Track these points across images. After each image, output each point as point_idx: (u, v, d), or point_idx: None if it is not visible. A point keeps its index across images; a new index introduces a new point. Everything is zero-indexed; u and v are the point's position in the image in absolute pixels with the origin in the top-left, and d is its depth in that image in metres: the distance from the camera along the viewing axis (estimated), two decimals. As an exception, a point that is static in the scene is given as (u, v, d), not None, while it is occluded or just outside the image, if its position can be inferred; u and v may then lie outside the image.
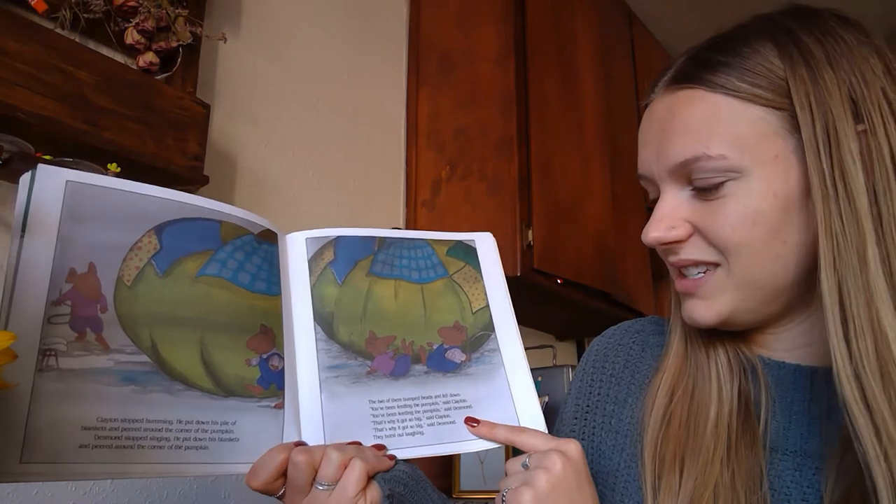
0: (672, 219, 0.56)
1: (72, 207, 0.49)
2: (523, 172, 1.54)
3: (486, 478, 1.45)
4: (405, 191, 1.69)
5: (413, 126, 1.72)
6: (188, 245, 0.54)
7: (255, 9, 1.39)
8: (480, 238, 0.70)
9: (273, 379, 0.55)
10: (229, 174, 1.27)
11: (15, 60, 0.89)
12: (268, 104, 1.38)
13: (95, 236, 0.49)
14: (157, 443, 0.48)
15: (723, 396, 0.59)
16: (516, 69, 1.60)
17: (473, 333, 0.65)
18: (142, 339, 0.49)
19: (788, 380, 0.58)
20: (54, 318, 0.46)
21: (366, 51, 1.65)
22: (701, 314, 0.57)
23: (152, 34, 1.07)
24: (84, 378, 0.46)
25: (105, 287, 0.49)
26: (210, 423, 0.51)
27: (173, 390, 0.49)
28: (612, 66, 2.03)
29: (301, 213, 1.40)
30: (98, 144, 0.97)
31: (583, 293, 1.67)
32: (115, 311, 0.49)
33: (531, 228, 1.51)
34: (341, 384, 0.58)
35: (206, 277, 0.54)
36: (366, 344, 0.61)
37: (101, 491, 0.98)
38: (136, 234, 0.51)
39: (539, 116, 1.63)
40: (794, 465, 0.55)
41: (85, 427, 0.45)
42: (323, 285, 0.61)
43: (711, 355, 0.61)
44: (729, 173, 0.53)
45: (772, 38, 0.54)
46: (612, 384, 0.68)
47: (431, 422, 0.60)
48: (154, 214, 0.53)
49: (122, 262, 0.50)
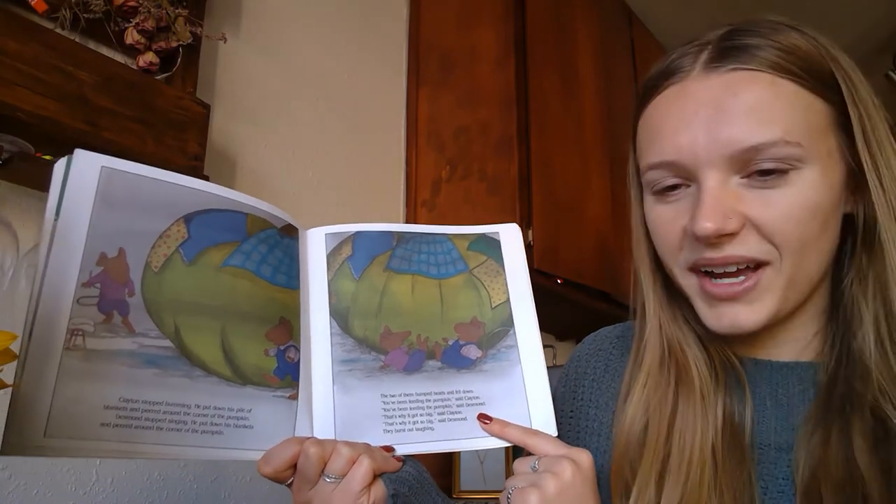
0: (726, 208, 0.51)
1: (105, 193, 0.50)
2: (523, 172, 1.54)
3: (486, 478, 1.45)
4: (405, 191, 1.69)
5: (413, 126, 1.72)
6: (215, 235, 0.55)
7: (255, 9, 1.39)
8: (505, 230, 0.68)
9: (289, 370, 0.57)
10: (229, 174, 1.27)
11: (15, 60, 0.89)
12: (268, 104, 1.38)
13: (127, 222, 0.51)
14: (175, 425, 0.49)
15: (707, 418, 0.56)
16: (516, 69, 1.60)
17: (491, 329, 0.64)
18: (166, 325, 0.51)
19: (770, 377, 0.59)
20: (83, 300, 0.48)
21: (366, 51, 1.65)
22: (748, 320, 0.53)
23: (152, 34, 1.07)
24: (109, 359, 0.48)
25: (133, 272, 0.50)
26: (227, 409, 0.52)
27: (193, 375, 0.51)
28: (612, 66, 2.03)
29: (301, 213, 1.40)
30: (98, 144, 0.96)
31: (583, 293, 1.67)
32: (142, 295, 0.50)
33: (531, 228, 1.51)
34: (354, 378, 0.59)
35: (230, 268, 0.55)
36: (380, 339, 0.61)
37: (102, 490, 0.98)
38: (166, 223, 0.53)
39: (539, 116, 1.63)
40: (769, 460, 0.56)
41: (107, 406, 0.47)
42: (340, 280, 0.62)
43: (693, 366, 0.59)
44: (795, 163, 0.50)
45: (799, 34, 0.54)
46: (594, 389, 0.69)
47: (442, 418, 0.60)
48: (184, 204, 0.54)
49: (150, 249, 0.51)
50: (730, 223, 0.51)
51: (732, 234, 0.52)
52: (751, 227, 0.52)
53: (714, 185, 0.52)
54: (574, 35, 1.86)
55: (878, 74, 2.61)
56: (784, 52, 0.52)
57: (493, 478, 1.45)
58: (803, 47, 0.53)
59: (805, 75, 0.52)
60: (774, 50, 0.52)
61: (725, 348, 0.60)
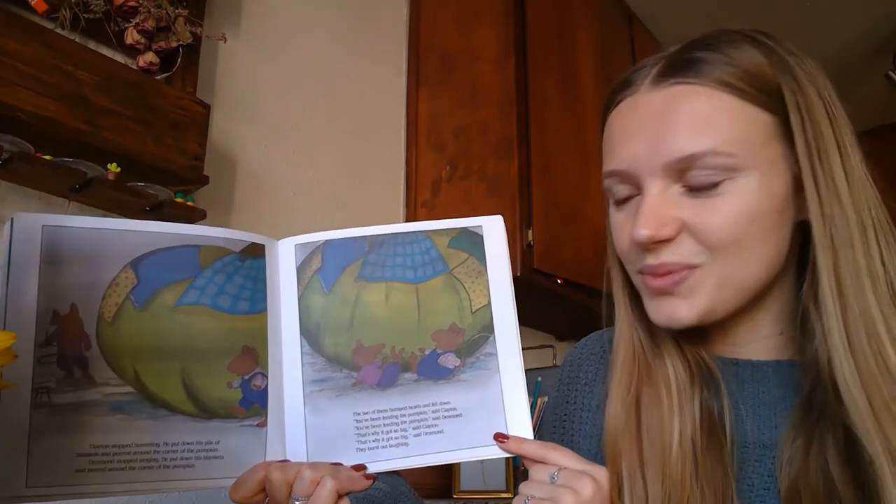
0: (662, 216, 0.54)
1: (49, 252, 0.51)
2: (523, 172, 1.54)
3: (486, 478, 1.45)
4: (405, 191, 1.69)
5: (413, 126, 1.72)
6: (166, 275, 0.55)
7: (255, 9, 1.39)
8: (489, 223, 0.65)
9: (255, 398, 0.57)
10: (229, 174, 1.27)
11: (15, 60, 0.90)
12: (268, 104, 1.38)
13: (75, 277, 0.52)
14: (146, 464, 0.52)
15: (685, 412, 0.57)
16: (516, 69, 1.60)
17: (471, 336, 0.61)
18: (125, 372, 0.53)
19: (744, 376, 0.60)
20: (43, 359, 0.50)
21: (366, 51, 1.65)
22: (683, 314, 0.56)
23: (152, 34, 1.07)
24: (75, 411, 0.51)
25: (87, 325, 0.52)
26: (195, 443, 0.54)
27: (158, 416, 0.53)
28: (612, 66, 2.03)
29: (301, 212, 1.40)
30: (98, 144, 0.97)
31: (583, 293, 1.66)
32: (99, 346, 0.52)
33: (531, 228, 1.51)
34: (325, 397, 0.58)
35: (184, 306, 0.56)
36: (352, 354, 0.59)
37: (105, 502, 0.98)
38: (114, 271, 0.54)
39: (539, 116, 1.63)
40: (754, 458, 0.56)
41: (80, 454, 0.50)
42: (310, 295, 0.60)
43: (667, 363, 0.60)
44: (730, 172, 0.53)
45: (755, 44, 0.56)
46: (586, 392, 0.69)
47: (417, 432, 0.59)
48: (129, 249, 0.54)
49: (101, 300, 0.53)
50: (664, 230, 0.54)
51: (668, 239, 0.55)
52: (687, 233, 0.55)
53: (654, 193, 0.55)
54: (574, 35, 1.86)
55: (878, 74, 2.62)
56: (729, 66, 0.54)
57: (493, 478, 1.45)
58: (753, 61, 0.55)
59: (748, 88, 0.54)
60: (721, 65, 0.54)
61: (699, 348, 0.61)
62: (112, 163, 0.98)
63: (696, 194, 0.54)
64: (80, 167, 0.95)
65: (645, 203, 0.55)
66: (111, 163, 0.98)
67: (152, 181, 1.03)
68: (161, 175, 1.04)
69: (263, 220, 1.32)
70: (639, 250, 0.57)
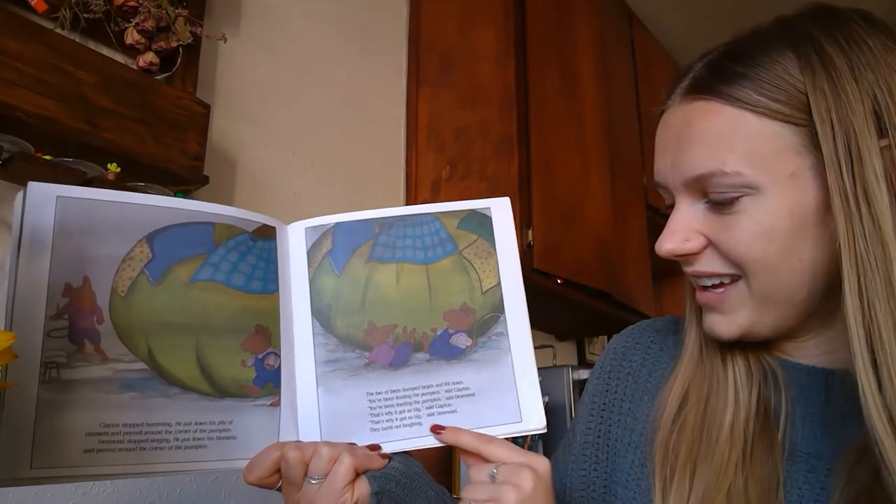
0: (686, 231, 0.55)
1: (63, 223, 0.50)
2: (523, 172, 1.54)
3: (486, 478, 1.45)
4: (405, 191, 1.69)
5: (413, 126, 1.72)
6: (180, 251, 0.54)
7: (255, 9, 1.39)
8: (497, 205, 0.65)
9: (269, 378, 0.56)
10: (229, 174, 1.27)
11: (15, 60, 0.89)
12: (268, 104, 1.38)
13: (88, 250, 0.51)
14: (157, 444, 0.50)
15: (739, 401, 0.58)
16: (516, 69, 1.60)
17: (482, 316, 0.62)
18: (138, 348, 0.51)
19: (804, 381, 0.58)
20: (53, 332, 0.48)
21: (366, 50, 1.65)
22: (722, 329, 0.57)
23: (152, 34, 1.07)
24: (85, 387, 0.48)
25: (100, 299, 0.50)
26: (208, 423, 0.53)
27: (171, 394, 0.51)
28: (612, 66, 2.03)
29: (301, 212, 1.40)
30: (98, 144, 0.97)
31: (583, 293, 1.67)
32: (111, 321, 0.51)
33: (531, 228, 1.51)
34: (338, 378, 0.58)
35: (199, 282, 0.55)
36: (364, 335, 0.60)
37: (102, 491, 0.98)
38: (128, 245, 0.52)
39: (539, 116, 1.63)
40: (807, 467, 0.54)
41: (89, 433, 0.48)
42: (321, 277, 0.60)
43: (728, 360, 0.60)
44: (744, 189, 0.52)
45: (792, 47, 0.52)
46: (630, 382, 0.68)
47: (431, 412, 0.59)
48: (145, 223, 0.53)
49: (115, 274, 0.51)
50: (687, 245, 0.55)
51: (694, 253, 0.56)
52: (712, 248, 0.55)
53: (682, 208, 0.56)
54: (574, 35, 1.86)
55: (878, 74, 2.61)
56: (752, 83, 0.52)
57: (493, 478, 1.44)
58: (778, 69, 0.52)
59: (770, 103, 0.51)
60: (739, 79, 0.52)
61: (763, 350, 0.61)
62: (112, 163, 0.98)
63: (717, 211, 0.54)
64: (80, 167, 0.95)
65: (672, 217, 0.56)
66: (111, 163, 0.98)
67: (152, 181, 1.03)
68: (161, 175, 1.04)
69: (263, 220, 1.32)
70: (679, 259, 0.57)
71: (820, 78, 0.50)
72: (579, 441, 0.70)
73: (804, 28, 0.53)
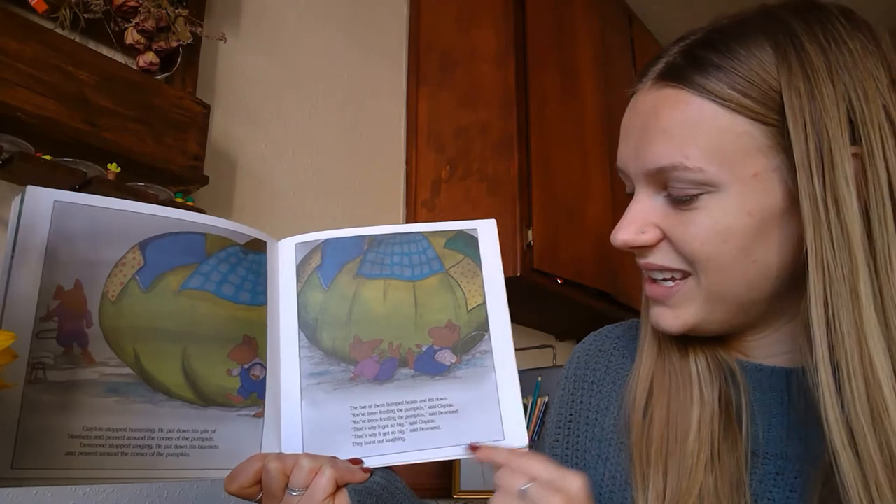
0: (643, 222, 0.54)
1: (59, 226, 0.51)
2: (523, 172, 1.54)
3: (486, 477, 1.45)
4: (405, 191, 1.69)
5: (413, 126, 1.72)
6: (172, 259, 0.55)
7: (255, 9, 1.39)
8: (483, 227, 0.66)
9: (254, 388, 0.57)
10: (229, 174, 1.27)
11: (15, 60, 0.90)
12: (268, 104, 1.38)
13: (82, 254, 0.51)
14: (139, 450, 0.50)
15: (704, 400, 0.57)
16: (516, 69, 1.60)
17: (467, 333, 0.62)
18: (125, 353, 0.51)
19: (766, 382, 0.57)
20: (43, 334, 0.48)
21: (366, 51, 1.65)
22: (668, 322, 0.56)
23: (152, 34, 1.07)
24: (71, 390, 0.49)
25: (91, 303, 0.51)
26: (191, 431, 0.53)
27: (156, 401, 0.52)
28: (612, 66, 2.03)
29: (301, 212, 1.40)
30: (98, 144, 0.97)
31: (583, 293, 1.67)
32: (100, 325, 0.51)
33: (531, 228, 1.51)
34: (322, 391, 0.58)
35: (188, 291, 0.55)
36: (350, 349, 0.60)
37: (102, 491, 0.98)
38: (121, 251, 0.53)
39: (539, 116, 1.63)
40: (775, 469, 0.54)
41: (71, 435, 0.48)
42: (309, 291, 0.61)
43: (690, 356, 0.59)
44: (704, 186, 0.50)
45: (771, 41, 0.50)
46: (595, 392, 0.67)
47: (414, 427, 0.59)
48: (139, 230, 0.54)
49: (106, 279, 0.52)
50: (642, 237, 0.54)
51: (648, 245, 0.54)
52: (667, 241, 0.54)
53: (640, 198, 0.55)
54: (574, 35, 1.86)
55: (878, 74, 2.61)
56: (726, 75, 0.50)
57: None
58: (756, 68, 0.49)
59: (741, 98, 0.49)
60: (717, 71, 0.50)
61: (718, 349, 0.60)
62: (112, 163, 0.98)
63: (676, 205, 0.52)
64: (80, 167, 0.95)
65: (630, 207, 0.55)
66: (111, 163, 0.98)
67: (152, 181, 1.03)
68: (161, 175, 1.04)
69: (263, 220, 1.32)
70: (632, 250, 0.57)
71: (796, 77, 0.48)
72: (547, 454, 0.68)
73: (785, 21, 0.51)
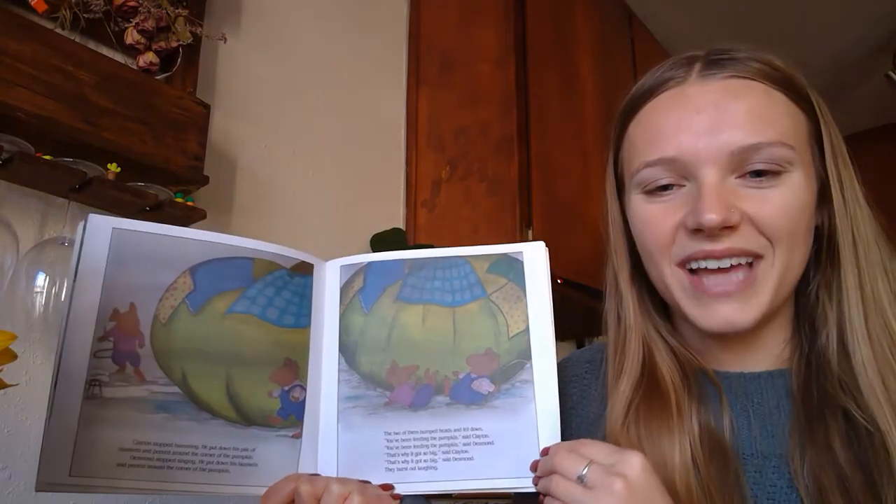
0: (727, 202, 0.54)
1: (117, 253, 0.54)
2: (523, 172, 1.54)
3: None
4: (405, 191, 1.68)
5: (413, 126, 1.72)
6: (220, 284, 0.58)
7: (256, 9, 1.39)
8: (530, 249, 0.62)
9: (293, 410, 0.59)
10: (229, 174, 1.27)
11: (15, 60, 0.89)
12: (268, 104, 1.38)
13: (136, 278, 0.55)
14: (184, 465, 0.54)
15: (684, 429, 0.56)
16: (516, 69, 1.60)
17: (507, 362, 0.60)
18: (174, 372, 0.55)
19: (741, 388, 0.60)
20: (99, 353, 0.52)
21: (366, 51, 1.65)
22: (740, 318, 0.55)
23: (152, 34, 1.07)
24: (123, 406, 0.53)
25: (143, 324, 0.55)
26: (232, 448, 0.56)
27: (200, 419, 0.55)
28: (612, 66, 2.03)
29: (301, 213, 1.40)
30: (98, 144, 0.96)
31: (583, 293, 1.66)
32: (151, 346, 0.54)
33: (531, 228, 1.51)
34: (358, 415, 0.59)
35: (234, 314, 0.58)
36: (386, 374, 0.60)
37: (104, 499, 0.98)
38: (173, 275, 0.56)
39: (539, 116, 1.63)
40: (753, 468, 0.56)
41: (122, 448, 0.52)
42: (350, 314, 0.61)
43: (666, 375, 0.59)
44: (788, 165, 0.55)
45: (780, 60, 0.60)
46: (574, 415, 0.68)
47: (447, 457, 0.58)
48: (190, 256, 0.57)
49: (158, 302, 0.55)
50: (733, 215, 0.54)
51: (733, 227, 0.54)
52: (748, 222, 0.55)
53: (713, 181, 0.55)
54: (574, 35, 1.86)
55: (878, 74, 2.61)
56: (771, 68, 0.57)
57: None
58: (785, 67, 0.58)
59: (791, 90, 0.57)
60: (763, 65, 0.57)
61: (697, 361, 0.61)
62: (112, 163, 0.98)
63: (753, 185, 0.55)
64: (80, 167, 0.94)
65: (708, 188, 0.54)
66: (111, 163, 0.98)
67: (152, 181, 1.03)
68: (161, 175, 1.04)
69: (263, 220, 1.32)
70: (691, 239, 0.55)
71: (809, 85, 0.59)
72: None
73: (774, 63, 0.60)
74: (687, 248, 0.56)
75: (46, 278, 0.91)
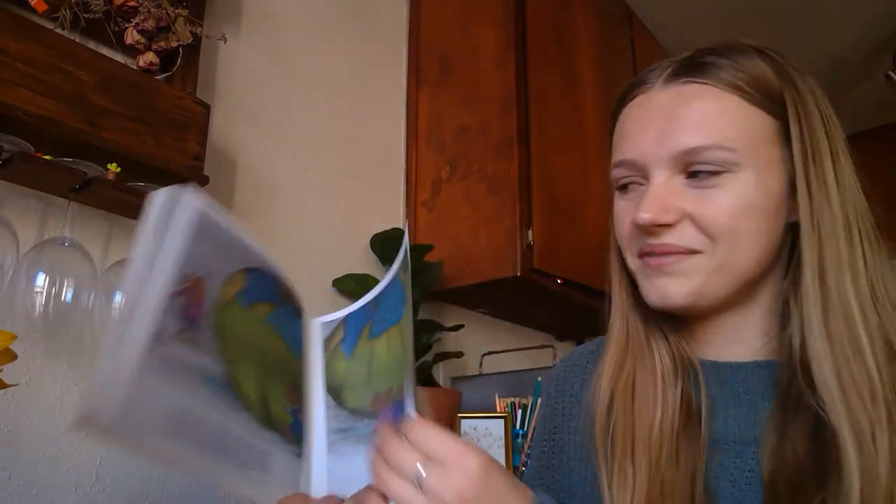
0: (664, 202, 0.58)
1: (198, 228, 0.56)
2: (523, 172, 1.54)
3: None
4: (405, 191, 1.69)
5: (413, 126, 1.72)
6: (262, 293, 0.60)
7: (255, 9, 1.39)
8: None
9: (298, 431, 0.61)
10: (229, 174, 1.27)
11: (15, 60, 0.90)
12: (268, 104, 1.38)
13: (208, 257, 0.56)
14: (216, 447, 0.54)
15: (667, 399, 0.61)
16: (516, 69, 1.60)
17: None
18: (223, 353, 0.56)
19: (725, 377, 0.63)
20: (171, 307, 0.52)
21: (366, 51, 1.65)
22: (674, 291, 0.59)
23: (152, 34, 1.07)
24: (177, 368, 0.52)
25: (207, 300, 0.56)
26: (255, 447, 0.57)
27: (238, 408, 0.56)
28: (612, 66, 2.03)
29: (301, 213, 1.40)
30: (98, 144, 0.97)
31: (583, 293, 1.66)
32: (210, 321, 0.56)
33: (531, 228, 1.51)
34: (349, 444, 0.61)
35: (270, 325, 0.61)
36: (371, 404, 0.62)
37: (102, 490, 0.98)
38: (233, 268, 0.58)
39: (539, 116, 1.63)
40: (734, 454, 0.59)
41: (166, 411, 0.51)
42: (334, 361, 0.65)
43: (655, 355, 0.64)
44: (731, 166, 0.57)
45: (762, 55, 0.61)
46: (574, 404, 0.71)
47: None
48: (247, 257, 0.60)
49: (221, 286, 0.57)
50: (666, 215, 0.58)
51: (669, 224, 0.58)
52: (687, 221, 0.58)
53: (659, 181, 0.59)
54: (574, 35, 1.86)
55: (878, 74, 2.61)
56: (737, 71, 0.59)
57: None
58: (759, 69, 0.60)
59: (753, 92, 0.59)
60: (729, 69, 0.59)
61: (684, 347, 0.65)
62: (112, 163, 0.98)
63: (698, 185, 0.58)
64: (80, 167, 0.95)
65: (650, 190, 0.59)
66: (111, 163, 0.98)
67: (152, 181, 1.03)
68: (161, 175, 1.04)
69: (264, 220, 1.32)
70: (641, 234, 0.60)
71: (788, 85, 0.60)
72: (534, 466, 0.73)
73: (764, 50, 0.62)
74: (639, 242, 0.61)
75: (46, 278, 0.92)
